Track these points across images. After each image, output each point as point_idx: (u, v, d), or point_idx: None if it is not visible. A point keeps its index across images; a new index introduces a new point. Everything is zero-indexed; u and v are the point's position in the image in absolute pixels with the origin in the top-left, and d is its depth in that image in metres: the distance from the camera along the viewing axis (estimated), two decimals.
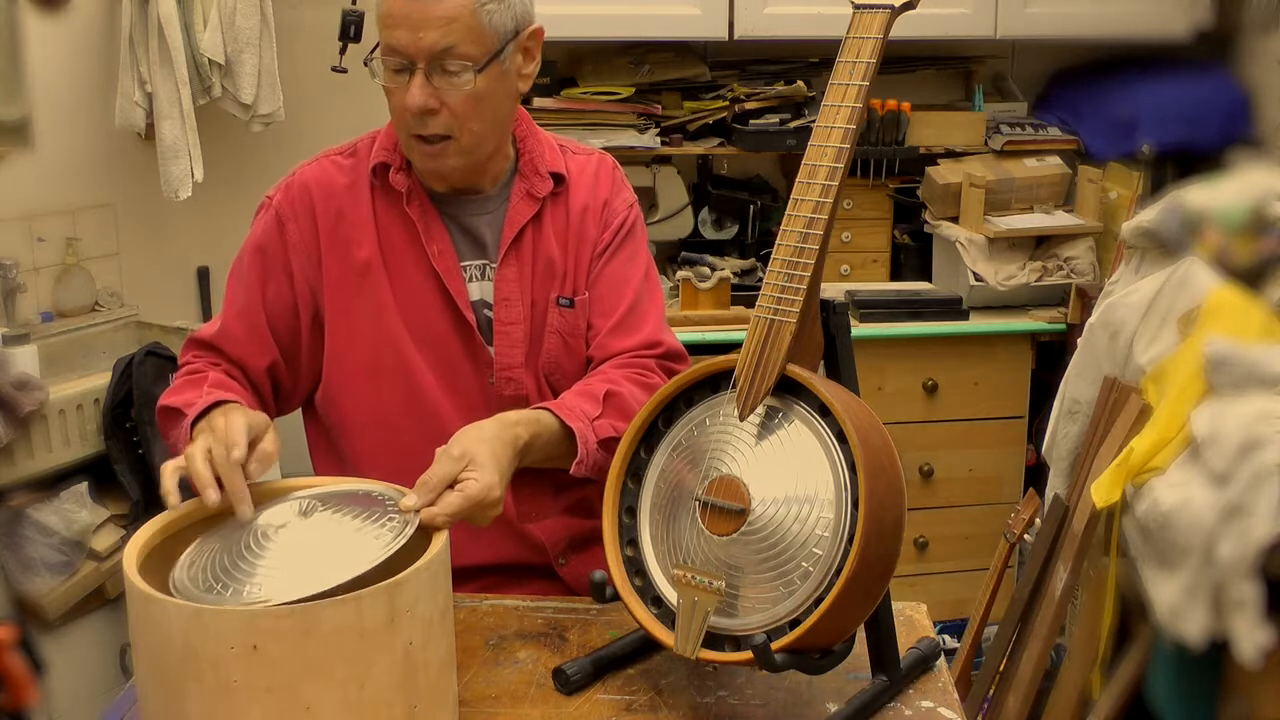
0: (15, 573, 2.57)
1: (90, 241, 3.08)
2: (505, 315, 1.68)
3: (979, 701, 2.60)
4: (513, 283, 1.68)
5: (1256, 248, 2.28)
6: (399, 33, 1.53)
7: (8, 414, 2.47)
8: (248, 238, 1.72)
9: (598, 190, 1.74)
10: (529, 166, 1.70)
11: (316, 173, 1.70)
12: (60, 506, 2.60)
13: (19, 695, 1.64)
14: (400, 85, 1.56)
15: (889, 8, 1.35)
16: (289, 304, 1.68)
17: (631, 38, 3.23)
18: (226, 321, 1.69)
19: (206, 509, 1.33)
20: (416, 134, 1.58)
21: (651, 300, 1.76)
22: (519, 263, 1.68)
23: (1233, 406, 2.07)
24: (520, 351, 1.68)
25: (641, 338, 1.71)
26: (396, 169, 1.66)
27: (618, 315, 1.71)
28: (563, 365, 1.71)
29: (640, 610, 1.36)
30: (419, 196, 1.67)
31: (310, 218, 1.67)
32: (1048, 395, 2.74)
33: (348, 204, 1.67)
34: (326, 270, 1.67)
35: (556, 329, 1.70)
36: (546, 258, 1.70)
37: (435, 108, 1.56)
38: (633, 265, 1.75)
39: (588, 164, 1.76)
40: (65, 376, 2.80)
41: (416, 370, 1.66)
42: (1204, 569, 2.02)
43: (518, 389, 1.68)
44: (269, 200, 1.71)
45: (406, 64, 1.54)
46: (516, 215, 1.68)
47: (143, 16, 2.86)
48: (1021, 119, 3.43)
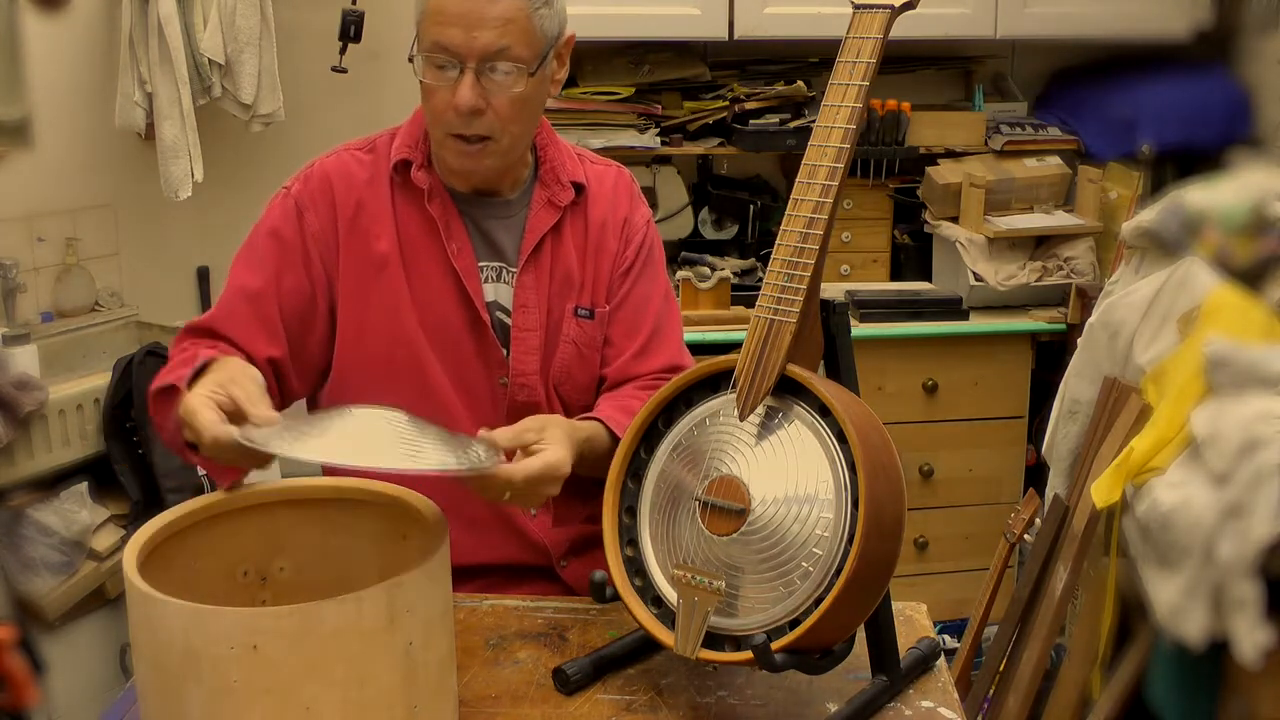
0: (15, 573, 2.57)
1: (90, 241, 3.08)
2: (523, 322, 1.67)
3: (979, 701, 2.60)
4: (530, 290, 1.67)
5: (1256, 248, 2.28)
6: (452, 31, 1.51)
7: (8, 414, 2.47)
8: (259, 224, 1.68)
9: (617, 204, 1.73)
10: (550, 175, 1.70)
11: (336, 164, 1.68)
12: (60, 506, 2.60)
13: (19, 695, 1.64)
14: (443, 84, 1.54)
15: (889, 8, 1.35)
16: (307, 294, 1.65)
17: (631, 38, 3.23)
18: (233, 305, 1.63)
19: (207, 509, 1.33)
20: (457, 133, 1.57)
21: (671, 323, 1.77)
22: (537, 271, 1.68)
23: (1233, 406, 2.07)
24: (535, 359, 1.68)
25: (663, 360, 1.72)
26: (419, 166, 1.65)
27: (641, 339, 1.72)
28: (574, 375, 1.71)
29: (640, 610, 1.36)
30: (440, 195, 1.66)
31: (330, 207, 1.66)
32: (1048, 395, 2.74)
33: (367, 197, 1.66)
34: (344, 261, 1.65)
35: (573, 339, 1.70)
36: (564, 267, 1.69)
37: (482, 108, 1.55)
38: (654, 286, 1.76)
39: (606, 175, 1.75)
40: (65, 376, 2.80)
41: (428, 366, 1.65)
42: (1204, 569, 2.02)
43: (530, 395, 1.68)
44: (287, 190, 1.68)
45: (454, 62, 1.53)
46: (538, 223, 1.68)
47: (143, 16, 2.86)
48: (1021, 119, 3.43)
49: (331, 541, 1.39)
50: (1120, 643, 2.33)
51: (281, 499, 1.38)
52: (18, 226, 2.94)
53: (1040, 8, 3.25)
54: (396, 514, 1.35)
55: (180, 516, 1.33)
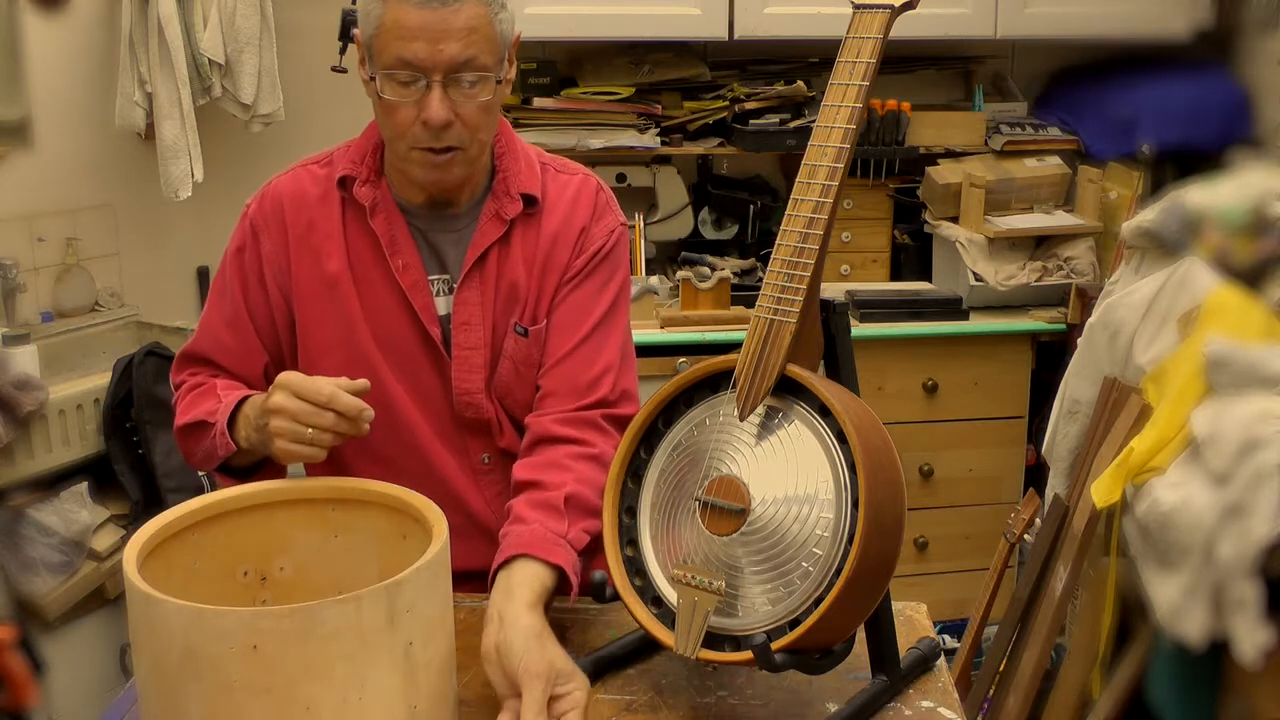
0: (15, 573, 2.57)
1: (90, 241, 3.08)
2: (464, 340, 1.64)
3: (979, 701, 2.60)
4: (474, 306, 1.64)
5: (1256, 248, 2.28)
6: (416, 45, 1.48)
7: (8, 414, 2.47)
8: (227, 247, 1.70)
9: (575, 215, 1.67)
10: (501, 187, 1.65)
11: (289, 183, 1.67)
12: (60, 506, 2.60)
13: (19, 695, 1.64)
14: (408, 99, 1.51)
15: (889, 8, 1.35)
16: (267, 313, 1.67)
17: (631, 38, 3.23)
18: (215, 332, 1.68)
19: (207, 509, 1.33)
20: (426, 146, 1.54)
21: (609, 333, 1.66)
22: (482, 285, 1.64)
23: (1233, 406, 2.07)
24: (480, 377, 1.65)
25: (589, 376, 1.62)
26: (362, 181, 1.63)
27: (569, 345, 1.63)
28: (514, 392, 1.67)
29: (640, 610, 1.36)
30: (386, 209, 1.63)
31: (281, 229, 1.65)
32: (1048, 395, 2.74)
33: (319, 215, 1.64)
34: (297, 282, 1.65)
35: (510, 355, 1.65)
36: (510, 282, 1.65)
37: (452, 120, 1.52)
38: (601, 294, 1.67)
39: (569, 186, 1.68)
40: (65, 376, 2.80)
41: (386, 382, 1.64)
42: (1204, 569, 2.02)
43: (478, 413, 1.66)
44: (246, 210, 1.69)
45: (418, 76, 1.50)
46: (481, 237, 1.64)
47: (143, 16, 2.86)
48: (1021, 119, 3.43)
49: (331, 541, 1.39)
50: (1120, 643, 2.33)
51: (281, 499, 1.38)
52: (18, 226, 2.94)
53: (1040, 8, 3.25)
54: (396, 514, 1.35)
55: (180, 516, 1.32)
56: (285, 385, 1.42)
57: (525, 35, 1.70)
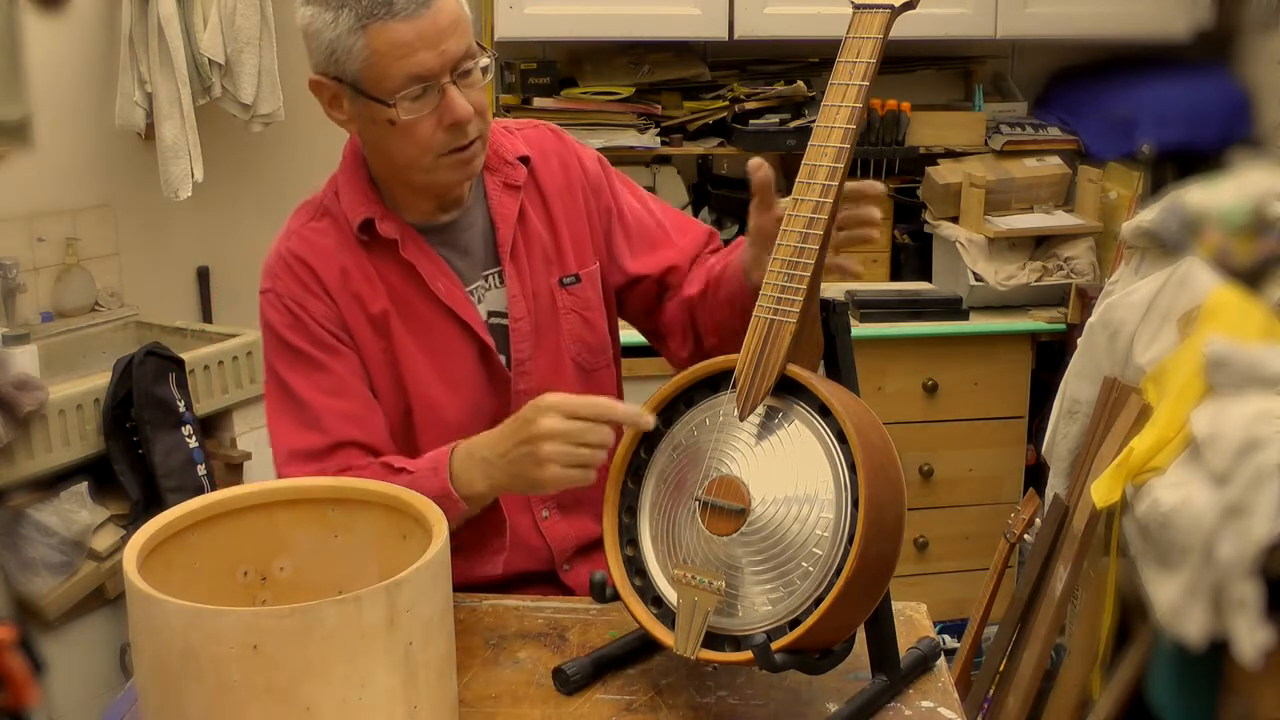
0: (15, 573, 2.57)
1: (90, 241, 3.08)
2: (516, 312, 1.66)
3: (979, 701, 2.60)
4: (515, 279, 1.66)
5: (1256, 248, 2.28)
6: (420, 56, 1.46)
7: (8, 414, 2.47)
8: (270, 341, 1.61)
9: (562, 159, 1.72)
10: (494, 158, 1.65)
11: (300, 244, 1.61)
12: (60, 506, 2.60)
13: (19, 695, 1.64)
14: (425, 110, 1.49)
15: (889, 8, 1.35)
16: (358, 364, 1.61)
17: (631, 38, 3.23)
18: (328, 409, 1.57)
19: (207, 509, 1.33)
20: (454, 147, 1.53)
21: (665, 208, 1.80)
22: (514, 256, 1.66)
23: (1233, 406, 2.07)
24: (529, 345, 1.66)
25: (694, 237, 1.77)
26: (382, 218, 1.60)
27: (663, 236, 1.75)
28: (586, 340, 1.70)
29: (640, 610, 1.36)
30: (411, 238, 1.62)
31: (319, 286, 1.59)
32: (1048, 395, 2.74)
33: (348, 262, 1.61)
34: (351, 328, 1.61)
35: (570, 308, 1.68)
36: (538, 244, 1.67)
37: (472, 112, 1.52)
38: (634, 192, 1.79)
39: (535, 138, 1.72)
40: (65, 376, 2.80)
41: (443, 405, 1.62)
42: (1204, 569, 2.02)
43: (528, 382, 1.66)
44: (267, 293, 1.61)
45: (427, 86, 1.48)
46: (505, 209, 1.65)
47: (143, 16, 2.86)
48: (1021, 119, 3.43)
49: (331, 541, 1.38)
50: (1120, 643, 2.33)
51: (281, 499, 1.38)
52: (18, 226, 2.94)
53: (1040, 8, 3.25)
54: (396, 514, 1.34)
55: (180, 516, 1.33)
56: (554, 407, 1.40)
57: (525, 35, 1.71)
